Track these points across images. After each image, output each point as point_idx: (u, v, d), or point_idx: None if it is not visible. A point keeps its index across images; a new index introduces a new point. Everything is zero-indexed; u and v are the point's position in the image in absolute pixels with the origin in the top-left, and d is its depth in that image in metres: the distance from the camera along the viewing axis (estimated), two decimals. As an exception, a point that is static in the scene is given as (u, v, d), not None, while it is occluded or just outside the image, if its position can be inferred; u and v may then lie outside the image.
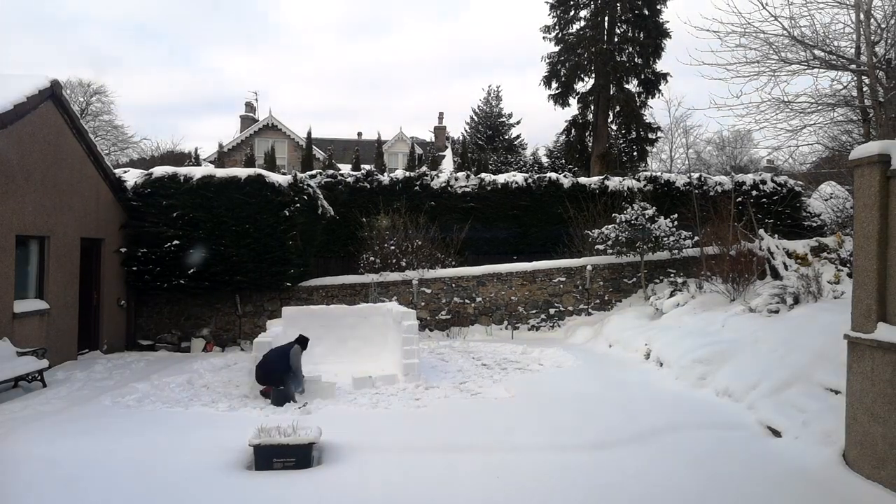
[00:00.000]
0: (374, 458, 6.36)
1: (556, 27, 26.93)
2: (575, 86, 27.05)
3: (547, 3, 26.85)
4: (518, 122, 43.12)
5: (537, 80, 30.28)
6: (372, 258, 15.85)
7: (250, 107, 36.00)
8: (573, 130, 28.03)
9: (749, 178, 19.55)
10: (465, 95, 72.42)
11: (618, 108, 26.57)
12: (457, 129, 66.82)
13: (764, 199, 18.82)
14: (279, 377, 8.88)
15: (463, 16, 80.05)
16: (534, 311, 15.88)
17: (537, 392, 9.24)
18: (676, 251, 15.54)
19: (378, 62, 74.26)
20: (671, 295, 13.86)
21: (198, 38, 71.17)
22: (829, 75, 12.60)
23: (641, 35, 25.85)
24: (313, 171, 19.00)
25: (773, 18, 10.58)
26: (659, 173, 20.28)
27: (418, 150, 33.72)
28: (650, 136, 27.57)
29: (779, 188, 19.14)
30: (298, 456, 6.14)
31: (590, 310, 16.00)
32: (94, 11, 61.62)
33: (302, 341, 9.55)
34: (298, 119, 68.39)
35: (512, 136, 42.70)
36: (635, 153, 27.89)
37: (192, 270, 13.96)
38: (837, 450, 6.00)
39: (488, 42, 75.07)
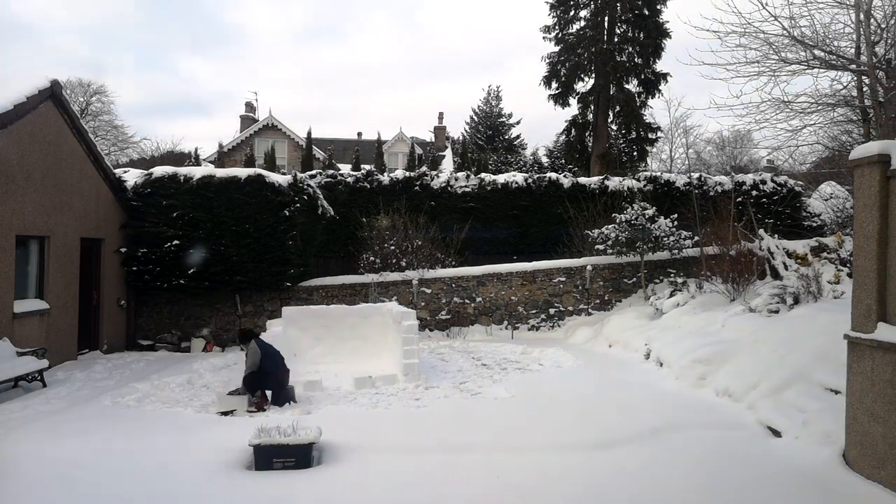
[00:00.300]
0: (374, 458, 6.36)
1: (556, 27, 26.93)
2: (575, 86, 27.05)
3: (547, 3, 26.86)
4: (518, 122, 43.17)
5: (537, 80, 30.33)
6: (372, 258, 15.85)
7: (250, 107, 35.99)
8: (573, 130, 28.03)
9: (749, 178, 19.55)
10: (464, 95, 72.48)
11: (618, 108, 26.57)
12: (457, 129, 66.82)
13: (764, 199, 18.82)
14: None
15: (462, 16, 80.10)
16: (534, 311, 15.88)
17: (537, 392, 9.23)
18: (676, 251, 15.54)
19: (378, 62, 74.33)
20: (671, 295, 13.86)
21: (163, 44, 70.05)
22: (829, 75, 12.65)
23: (641, 35, 25.85)
24: (313, 171, 19.00)
25: (773, 18, 10.60)
26: (659, 173, 20.28)
27: (418, 150, 33.73)
28: (650, 136, 27.58)
29: (779, 188, 19.14)
30: (298, 456, 6.14)
31: (590, 310, 16.00)
32: (59, 19, 60.16)
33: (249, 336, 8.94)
34: (298, 120, 68.42)
35: (512, 136, 42.72)
36: (635, 153, 27.90)
37: (192, 270, 13.95)
38: (837, 450, 6.00)
39: (488, 42, 75.16)
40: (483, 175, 18.76)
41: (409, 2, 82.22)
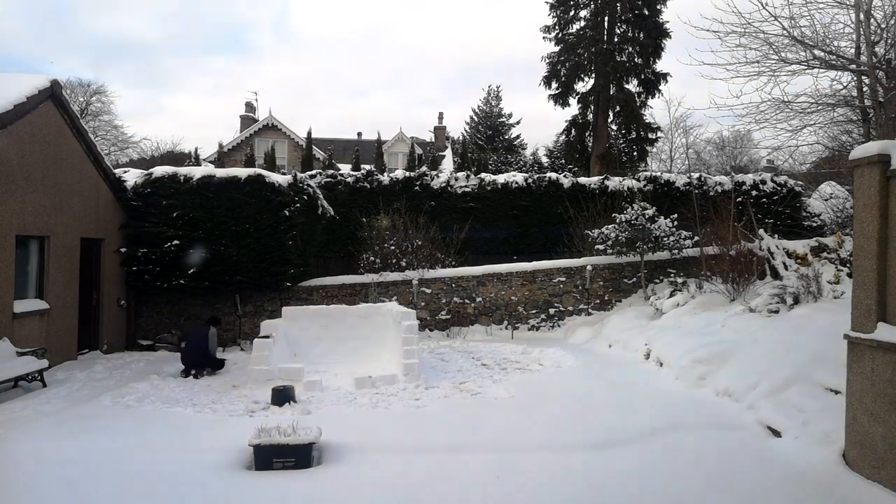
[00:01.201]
0: (374, 459, 6.36)
1: (556, 27, 26.95)
2: (575, 86, 27.08)
3: (547, 3, 26.88)
4: (518, 122, 43.23)
5: (537, 80, 30.35)
6: (372, 258, 15.85)
7: (250, 107, 35.98)
8: (573, 130, 28.05)
9: (749, 178, 19.54)
10: (464, 95, 72.49)
11: (618, 108, 26.60)
12: (457, 129, 66.81)
13: (764, 199, 18.81)
14: (202, 358, 10.85)
15: (461, 16, 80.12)
16: (534, 311, 15.88)
17: (537, 392, 9.23)
18: (676, 251, 15.54)
19: (378, 62, 74.32)
20: (671, 295, 13.86)
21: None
22: (829, 75, 12.64)
23: (641, 35, 25.86)
24: (313, 171, 19.00)
25: (773, 18, 10.58)
26: (659, 173, 20.28)
27: (418, 151, 33.72)
28: (650, 136, 27.60)
29: (779, 188, 19.14)
30: (298, 456, 6.15)
31: (590, 310, 15.99)
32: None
33: (215, 321, 11.59)
34: (298, 120, 68.47)
35: (512, 136, 42.77)
36: (635, 153, 27.92)
37: (192, 270, 13.95)
38: (837, 450, 6.00)
39: (487, 42, 75.17)
40: (483, 175, 18.76)
41: (410, 2, 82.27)
